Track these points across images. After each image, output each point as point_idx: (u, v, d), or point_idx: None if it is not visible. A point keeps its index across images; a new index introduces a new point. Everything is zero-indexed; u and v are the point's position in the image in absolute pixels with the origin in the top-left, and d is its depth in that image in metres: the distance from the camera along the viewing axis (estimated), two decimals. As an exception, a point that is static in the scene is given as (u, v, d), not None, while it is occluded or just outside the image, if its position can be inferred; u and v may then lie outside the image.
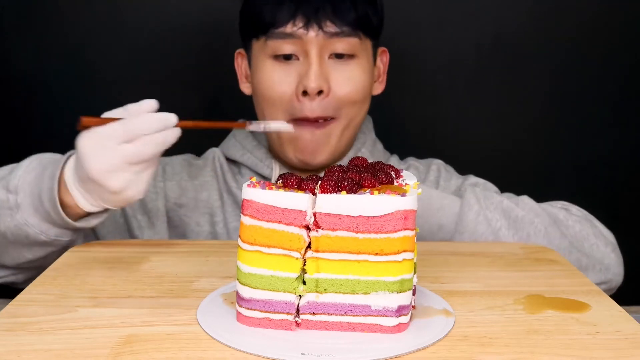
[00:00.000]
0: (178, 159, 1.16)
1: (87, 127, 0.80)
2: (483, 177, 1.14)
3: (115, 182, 0.80)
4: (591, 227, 1.04)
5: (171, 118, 0.80)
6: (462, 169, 1.18)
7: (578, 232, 1.02)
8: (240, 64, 1.13)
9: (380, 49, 1.12)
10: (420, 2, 1.40)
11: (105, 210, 0.88)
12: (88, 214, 0.89)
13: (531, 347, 0.61)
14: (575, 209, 1.08)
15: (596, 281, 1.02)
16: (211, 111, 1.40)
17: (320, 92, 1.00)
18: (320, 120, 1.02)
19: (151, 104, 0.81)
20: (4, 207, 0.88)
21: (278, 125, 0.91)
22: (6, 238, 0.90)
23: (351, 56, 1.02)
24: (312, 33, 1.00)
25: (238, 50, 1.13)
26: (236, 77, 1.14)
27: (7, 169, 0.94)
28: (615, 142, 1.45)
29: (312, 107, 1.00)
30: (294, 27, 1.00)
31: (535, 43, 1.41)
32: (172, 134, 0.80)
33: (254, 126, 0.87)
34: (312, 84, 0.98)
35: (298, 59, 1.02)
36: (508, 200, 1.02)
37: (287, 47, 1.01)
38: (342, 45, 1.01)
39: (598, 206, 1.08)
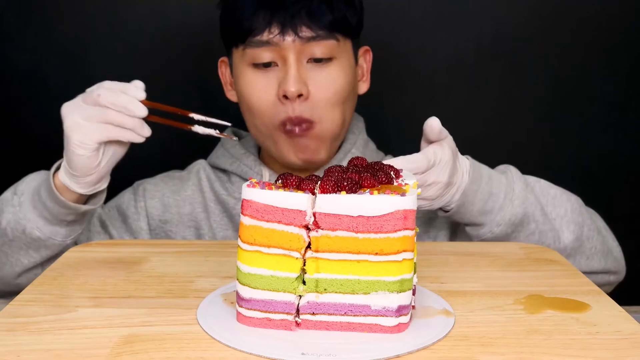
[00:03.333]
0: (159, 177, 1.18)
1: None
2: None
3: (68, 120, 0.90)
4: (600, 220, 1.07)
5: (138, 93, 0.92)
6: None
7: (596, 221, 1.05)
8: (224, 72, 1.14)
9: (363, 48, 1.12)
10: (420, 2, 1.40)
11: (92, 197, 0.98)
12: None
13: (531, 347, 0.61)
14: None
15: (611, 268, 1.04)
16: (211, 111, 1.40)
17: (299, 95, 1.00)
18: (303, 125, 1.02)
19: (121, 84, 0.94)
20: (8, 205, 0.98)
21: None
22: (6, 235, 0.97)
23: (329, 59, 1.02)
24: (289, 39, 1.00)
25: (221, 59, 1.13)
26: None
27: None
28: (615, 142, 1.45)
29: (292, 108, 1.01)
30: (270, 35, 1.00)
31: (535, 43, 1.41)
32: (135, 103, 0.91)
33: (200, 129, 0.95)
34: (292, 88, 0.99)
35: (277, 65, 1.02)
36: (542, 181, 1.03)
37: (265, 55, 1.01)
38: (320, 49, 1.01)
39: (597, 206, 1.08)
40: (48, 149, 1.40)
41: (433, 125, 0.87)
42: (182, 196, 1.14)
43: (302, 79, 1.00)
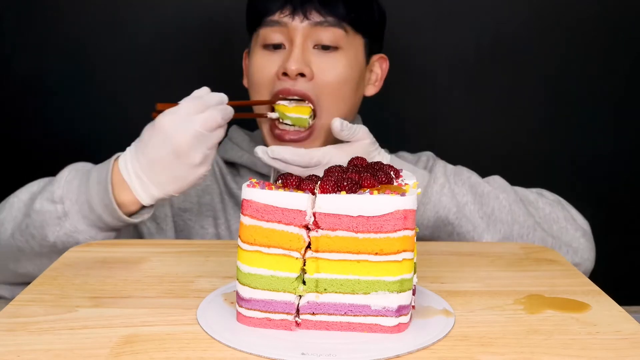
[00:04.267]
0: None
1: (160, 112, 0.91)
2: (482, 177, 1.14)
3: (197, 155, 0.89)
4: (562, 210, 1.07)
5: (224, 96, 0.93)
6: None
7: (548, 214, 1.05)
8: (245, 61, 1.15)
9: (379, 55, 1.13)
10: (420, 2, 1.40)
11: (151, 206, 0.95)
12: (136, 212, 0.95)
13: (531, 347, 0.61)
14: (549, 193, 1.11)
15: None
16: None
17: (303, 75, 1.01)
18: (301, 130, 1.03)
19: (205, 88, 0.94)
20: (52, 217, 0.92)
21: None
22: (56, 247, 0.93)
23: (336, 48, 1.04)
24: (298, 21, 1.03)
25: (246, 50, 1.14)
26: (236, 74, 1.16)
27: (39, 183, 0.99)
28: (615, 142, 1.45)
29: (293, 84, 1.02)
30: (281, 15, 1.03)
31: (535, 43, 1.41)
32: (230, 109, 0.92)
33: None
34: (292, 66, 1.00)
35: (286, 47, 1.04)
36: (477, 177, 1.05)
37: (275, 36, 1.04)
38: (327, 35, 1.03)
39: (597, 206, 1.08)
40: (48, 149, 1.40)
41: (333, 125, 0.93)
42: (202, 185, 1.14)
43: (305, 61, 1.02)
